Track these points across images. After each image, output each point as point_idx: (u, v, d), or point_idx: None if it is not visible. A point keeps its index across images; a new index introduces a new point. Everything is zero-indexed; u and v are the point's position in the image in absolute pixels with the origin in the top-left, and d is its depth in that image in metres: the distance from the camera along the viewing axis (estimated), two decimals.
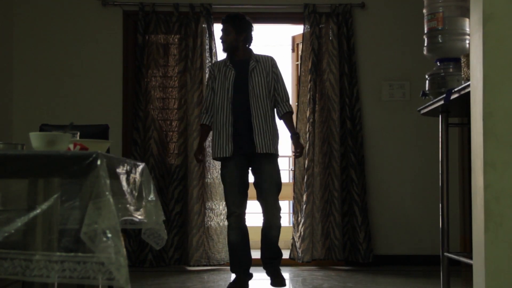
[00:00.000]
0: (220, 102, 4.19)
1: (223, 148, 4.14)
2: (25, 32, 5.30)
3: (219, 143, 4.16)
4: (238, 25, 4.22)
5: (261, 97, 4.17)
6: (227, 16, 4.30)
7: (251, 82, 4.18)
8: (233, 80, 4.20)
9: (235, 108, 4.16)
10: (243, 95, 4.17)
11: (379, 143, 5.39)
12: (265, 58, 4.30)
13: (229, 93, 4.17)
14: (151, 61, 5.29)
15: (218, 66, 4.32)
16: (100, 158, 1.82)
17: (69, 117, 4.86)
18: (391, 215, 5.34)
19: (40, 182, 1.83)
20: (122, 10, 5.34)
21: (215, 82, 4.26)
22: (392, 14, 5.43)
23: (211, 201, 5.20)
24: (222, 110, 4.17)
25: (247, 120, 4.14)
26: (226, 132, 4.14)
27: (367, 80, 5.40)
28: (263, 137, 4.12)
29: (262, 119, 4.14)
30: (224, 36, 4.25)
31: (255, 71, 4.21)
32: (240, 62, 4.25)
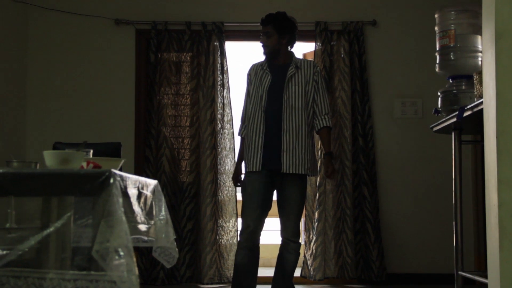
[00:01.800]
0: (253, 110, 3.81)
1: (250, 161, 3.77)
2: (39, 50, 5.36)
3: (248, 155, 3.80)
4: (280, 26, 3.83)
5: (296, 109, 3.76)
6: (267, 16, 3.87)
7: (287, 92, 3.78)
8: (267, 87, 3.81)
9: (268, 118, 3.76)
10: (276, 105, 3.77)
11: (391, 160, 5.36)
12: (307, 63, 3.88)
13: (262, 100, 3.78)
14: (163, 79, 5.32)
15: (256, 69, 3.93)
16: (113, 176, 1.83)
17: (82, 134, 4.89)
18: (404, 233, 5.30)
19: (54, 200, 1.84)
20: (135, 28, 5.39)
21: (251, 87, 3.90)
22: (403, 32, 5.43)
23: (222, 219, 5.19)
24: (254, 118, 3.79)
25: (278, 134, 3.75)
26: (256, 143, 3.76)
27: (379, 98, 5.39)
28: (291, 155, 3.73)
29: (294, 135, 3.74)
30: (265, 39, 3.84)
31: (293, 79, 3.80)
32: (278, 67, 3.86)
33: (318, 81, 3.87)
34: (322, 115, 3.87)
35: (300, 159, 3.75)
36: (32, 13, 5.31)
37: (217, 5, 5.40)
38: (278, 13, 3.90)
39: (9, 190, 1.77)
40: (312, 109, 3.86)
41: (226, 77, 5.30)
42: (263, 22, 3.86)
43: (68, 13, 5.31)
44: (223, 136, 5.25)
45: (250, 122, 3.82)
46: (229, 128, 5.26)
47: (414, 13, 5.42)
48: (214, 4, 5.41)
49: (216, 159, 5.19)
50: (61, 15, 5.32)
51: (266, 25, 3.84)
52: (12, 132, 5.01)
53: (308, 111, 3.83)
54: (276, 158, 3.74)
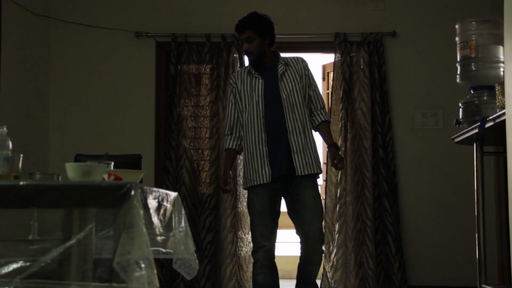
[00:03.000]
0: (250, 119, 3.58)
1: (258, 173, 3.53)
2: (61, 63, 5.42)
3: (253, 168, 3.55)
4: (260, 28, 3.63)
5: (297, 106, 3.57)
6: (243, 21, 3.64)
7: (284, 90, 3.57)
8: (262, 91, 3.58)
9: (268, 124, 3.54)
10: (276, 107, 3.55)
11: (412, 171, 5.32)
12: (295, 59, 3.71)
13: (259, 106, 3.55)
14: (183, 91, 5.35)
15: (241, 76, 3.69)
16: (134, 188, 1.84)
17: (103, 146, 4.93)
18: (426, 245, 5.24)
19: (76, 212, 1.85)
20: (155, 41, 5.43)
21: (240, 96, 3.66)
22: (424, 42, 5.41)
23: (241, 230, 5.19)
24: (253, 128, 3.57)
25: (283, 137, 3.52)
26: (260, 154, 3.53)
27: (399, 109, 5.36)
28: (303, 155, 3.51)
29: (301, 133, 3.54)
30: (248, 46, 3.61)
31: (286, 75, 3.61)
32: (267, 69, 3.65)
33: (309, 76, 3.69)
34: (318, 110, 3.68)
35: (312, 157, 3.56)
36: (55, 27, 5.38)
37: (237, 17, 5.35)
38: (252, 15, 3.70)
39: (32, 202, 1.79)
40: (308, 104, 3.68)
41: None
42: (241, 28, 3.65)
43: (89, 26, 5.38)
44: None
45: (248, 132, 3.59)
46: None
47: (434, 23, 5.39)
48: (234, 16, 5.38)
49: (235, 170, 5.20)
50: (82, 29, 5.38)
51: (245, 31, 3.63)
52: (35, 144, 5.06)
53: (307, 106, 3.64)
54: (284, 163, 3.52)
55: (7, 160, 2.06)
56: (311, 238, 3.51)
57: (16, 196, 1.77)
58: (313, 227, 3.51)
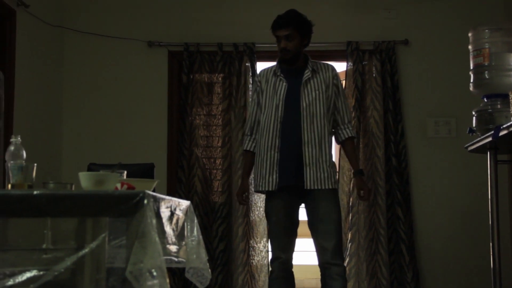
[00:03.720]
0: (267, 122, 3.42)
1: (265, 179, 3.40)
2: (74, 73, 5.46)
3: (261, 173, 3.43)
4: (303, 27, 3.45)
5: (317, 117, 3.37)
6: (287, 17, 3.42)
7: (305, 98, 3.38)
8: (284, 95, 3.40)
9: (284, 130, 3.38)
10: (294, 115, 3.37)
11: (425, 180, 5.29)
12: (325, 67, 3.51)
13: (278, 110, 3.39)
14: (195, 100, 5.36)
15: (266, 76, 3.53)
16: (147, 197, 1.84)
17: (116, 156, 4.95)
18: (440, 254, 5.20)
19: (89, 221, 1.86)
20: (167, 50, 5.45)
21: (262, 96, 3.49)
22: (436, 51, 5.39)
23: (253, 239, 5.18)
24: (268, 131, 3.41)
25: (297, 147, 3.37)
26: (271, 160, 3.38)
27: (412, 117, 5.34)
28: (316, 169, 3.34)
29: (317, 146, 3.35)
30: (286, 43, 3.41)
31: (311, 83, 3.41)
32: (293, 72, 3.46)
33: (338, 85, 3.49)
34: (345, 124, 3.50)
35: (326, 172, 3.37)
36: (68, 37, 5.43)
37: (249, 26, 5.44)
38: (295, 12, 3.48)
39: (46, 211, 1.80)
40: (333, 116, 3.49)
41: None
42: (283, 24, 3.41)
43: (102, 36, 5.41)
44: None
45: (262, 135, 3.43)
46: None
47: (447, 31, 5.38)
48: (246, 25, 5.45)
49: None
50: (96, 38, 5.42)
51: (286, 27, 3.40)
52: (48, 154, 5.09)
53: (329, 119, 3.44)
54: (294, 174, 3.36)
55: (21, 170, 2.07)
56: (327, 252, 3.38)
57: (30, 205, 1.78)
58: (330, 241, 3.37)
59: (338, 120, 3.49)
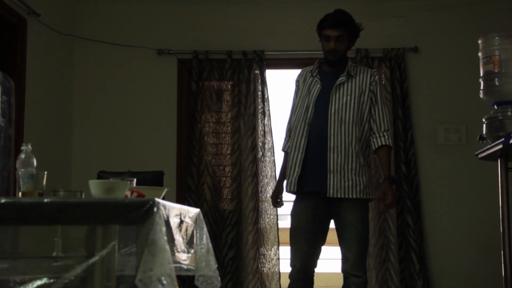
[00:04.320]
0: (296, 122, 3.33)
1: (288, 180, 3.30)
2: (84, 81, 5.49)
3: (287, 173, 3.34)
4: (354, 30, 3.37)
5: (346, 123, 3.22)
6: (341, 17, 3.30)
7: (335, 102, 3.24)
8: (315, 96, 3.29)
9: (311, 133, 3.26)
10: (322, 119, 3.25)
11: (435, 187, 5.26)
12: (363, 71, 3.37)
13: (308, 112, 3.28)
14: (204, 107, 5.37)
15: (305, 75, 3.43)
16: (157, 205, 1.84)
17: (125, 163, 4.96)
18: (450, 262, 5.17)
19: (99, 229, 1.86)
20: (176, 58, 5.47)
21: (298, 96, 3.42)
22: (446, 58, 5.38)
23: (264, 247, 5.17)
24: (296, 132, 3.30)
25: (323, 153, 3.23)
26: (294, 160, 3.27)
27: (422, 124, 5.33)
28: (340, 177, 3.20)
29: (342, 154, 3.21)
30: (337, 44, 3.29)
31: (344, 87, 3.28)
32: (331, 74, 3.35)
33: (376, 92, 3.33)
34: (381, 131, 3.32)
35: (351, 181, 3.21)
36: (79, 45, 5.46)
37: (258, 34, 5.45)
38: (347, 13, 3.37)
39: (56, 219, 1.80)
40: (369, 124, 3.32)
41: (267, 105, 5.33)
42: (336, 24, 3.28)
43: (112, 44, 5.44)
44: (264, 164, 5.25)
45: (292, 136, 3.33)
46: (270, 156, 5.26)
47: (457, 38, 5.37)
48: (255, 33, 5.46)
49: (257, 187, 5.19)
50: (105, 46, 5.45)
51: (339, 28, 3.28)
52: (58, 161, 5.12)
53: (362, 126, 3.28)
54: (320, 179, 3.24)
55: (31, 178, 2.08)
56: (348, 262, 3.28)
57: (40, 213, 1.79)
58: (351, 252, 3.27)
59: (374, 128, 3.33)
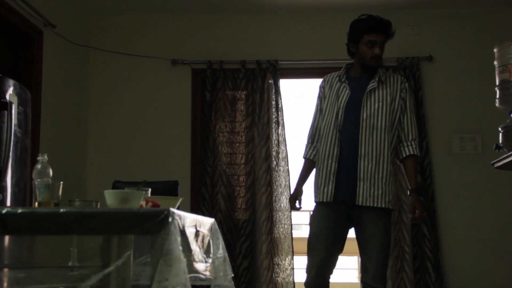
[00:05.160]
0: (326, 129, 3.25)
1: (320, 190, 3.21)
2: (100, 92, 5.52)
3: (317, 183, 3.25)
4: (390, 37, 3.30)
5: (378, 130, 3.16)
6: (386, 23, 3.23)
7: (367, 109, 3.18)
8: (345, 102, 3.22)
9: (343, 140, 3.20)
10: (354, 125, 3.19)
11: (451, 197, 5.22)
12: (395, 78, 3.30)
13: (338, 118, 3.21)
14: (218, 117, 5.39)
15: (331, 81, 3.37)
16: (171, 215, 1.84)
17: (140, 173, 4.98)
18: (466, 272, 5.12)
19: (114, 239, 1.86)
20: (191, 68, 5.50)
21: (324, 101, 3.34)
22: (461, 66, 5.35)
23: (278, 257, 5.15)
24: (326, 139, 3.23)
25: (353, 159, 3.16)
26: (327, 169, 3.19)
27: (437, 133, 5.30)
28: (370, 184, 3.13)
29: (373, 161, 3.14)
30: (381, 51, 3.23)
31: (375, 94, 3.21)
32: (360, 80, 3.28)
33: (405, 99, 3.27)
34: (409, 140, 3.26)
35: (381, 189, 3.15)
36: (94, 56, 5.50)
37: (272, 44, 5.46)
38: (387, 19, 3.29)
39: (72, 228, 1.81)
40: (397, 132, 3.27)
41: (281, 114, 5.33)
42: (383, 30, 3.23)
43: (126, 55, 5.48)
44: (278, 173, 5.25)
45: (322, 143, 3.25)
46: (284, 165, 5.25)
47: (472, 47, 5.34)
48: (269, 42, 5.47)
49: (271, 196, 5.18)
50: (120, 57, 5.49)
51: (384, 34, 3.24)
52: (73, 171, 5.15)
53: (392, 133, 3.22)
54: (351, 187, 3.16)
55: (47, 188, 2.09)
56: (368, 273, 3.19)
57: (56, 223, 1.80)
58: (372, 263, 3.18)
59: (402, 136, 3.27)
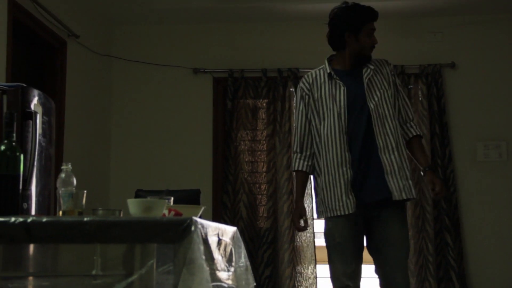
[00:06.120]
0: (330, 134, 2.95)
1: (342, 202, 2.89)
2: (122, 101, 5.56)
3: (335, 195, 2.92)
4: None
5: (387, 118, 2.96)
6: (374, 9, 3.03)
7: (372, 99, 2.96)
8: (345, 100, 2.96)
9: (352, 141, 2.94)
10: (362, 120, 2.95)
11: (475, 205, 5.16)
12: (379, 62, 3.08)
13: (341, 120, 2.93)
14: (240, 125, 5.39)
15: (318, 81, 3.05)
16: (194, 224, 1.84)
17: (162, 182, 5.00)
18: (492, 282, 5.04)
19: (137, 248, 1.87)
20: (212, 77, 5.51)
21: (316, 105, 3.02)
22: (484, 73, 5.30)
23: (300, 265, 5.13)
24: (333, 145, 2.94)
25: (374, 156, 2.92)
26: (344, 178, 2.90)
27: (460, 141, 5.24)
28: (399, 176, 2.90)
29: (394, 151, 2.92)
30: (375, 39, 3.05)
31: (373, 81, 3.01)
32: (349, 72, 3.03)
33: (396, 81, 3.08)
34: (409, 122, 3.08)
35: (408, 179, 2.93)
36: (116, 65, 5.55)
37: (292, 52, 5.46)
38: None
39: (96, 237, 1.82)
40: None
41: None
42: (376, 17, 3.03)
43: (148, 64, 5.52)
44: None
45: (327, 151, 2.95)
46: None
47: (495, 54, 5.29)
48: (290, 51, 5.47)
49: (293, 204, 5.16)
50: (142, 66, 5.53)
51: (376, 20, 3.04)
52: (97, 180, 5.18)
53: (398, 119, 3.03)
54: (379, 185, 2.90)
55: (71, 197, 2.11)
56: (392, 283, 2.89)
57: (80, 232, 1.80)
58: (397, 269, 2.88)
59: (400, 119, 3.07)
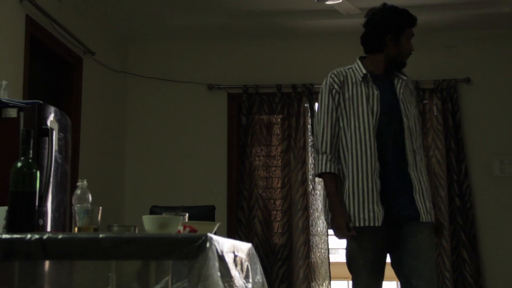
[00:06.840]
0: (359, 138, 2.70)
1: (370, 212, 2.64)
2: (137, 117, 5.60)
3: (364, 204, 2.66)
4: None
5: (415, 135, 2.74)
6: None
7: (407, 111, 2.74)
8: (379, 106, 2.71)
9: (382, 150, 2.70)
10: (394, 131, 2.72)
11: (492, 221, 5.11)
12: (408, 76, 2.89)
13: (371, 125, 2.70)
14: (254, 141, 5.40)
15: (350, 80, 2.80)
16: (209, 240, 1.84)
17: (176, 197, 5.01)
18: None
19: (152, 264, 1.87)
20: (227, 92, 5.54)
21: (345, 105, 2.77)
22: (500, 88, 5.27)
23: (315, 282, 5.10)
24: (363, 152, 2.68)
25: (403, 171, 2.70)
26: (373, 187, 2.66)
27: (476, 156, 5.20)
28: (426, 197, 2.69)
29: (421, 169, 2.73)
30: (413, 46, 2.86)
31: (405, 94, 2.79)
32: (381, 78, 2.81)
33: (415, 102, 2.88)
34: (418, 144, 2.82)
35: (431, 202, 2.73)
36: (131, 82, 5.59)
37: (307, 68, 5.47)
38: None
39: (111, 254, 1.82)
40: None
41: None
42: (416, 23, 2.83)
43: (163, 80, 5.55)
44: (314, 197, 5.21)
45: (355, 156, 2.70)
46: (320, 189, 5.21)
47: (510, 68, 5.26)
48: (304, 67, 5.49)
49: (308, 220, 5.15)
50: (157, 82, 5.56)
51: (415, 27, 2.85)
52: (111, 196, 5.20)
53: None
54: (407, 203, 2.67)
55: (87, 213, 2.12)
56: None
57: (95, 248, 1.81)
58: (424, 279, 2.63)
59: None
